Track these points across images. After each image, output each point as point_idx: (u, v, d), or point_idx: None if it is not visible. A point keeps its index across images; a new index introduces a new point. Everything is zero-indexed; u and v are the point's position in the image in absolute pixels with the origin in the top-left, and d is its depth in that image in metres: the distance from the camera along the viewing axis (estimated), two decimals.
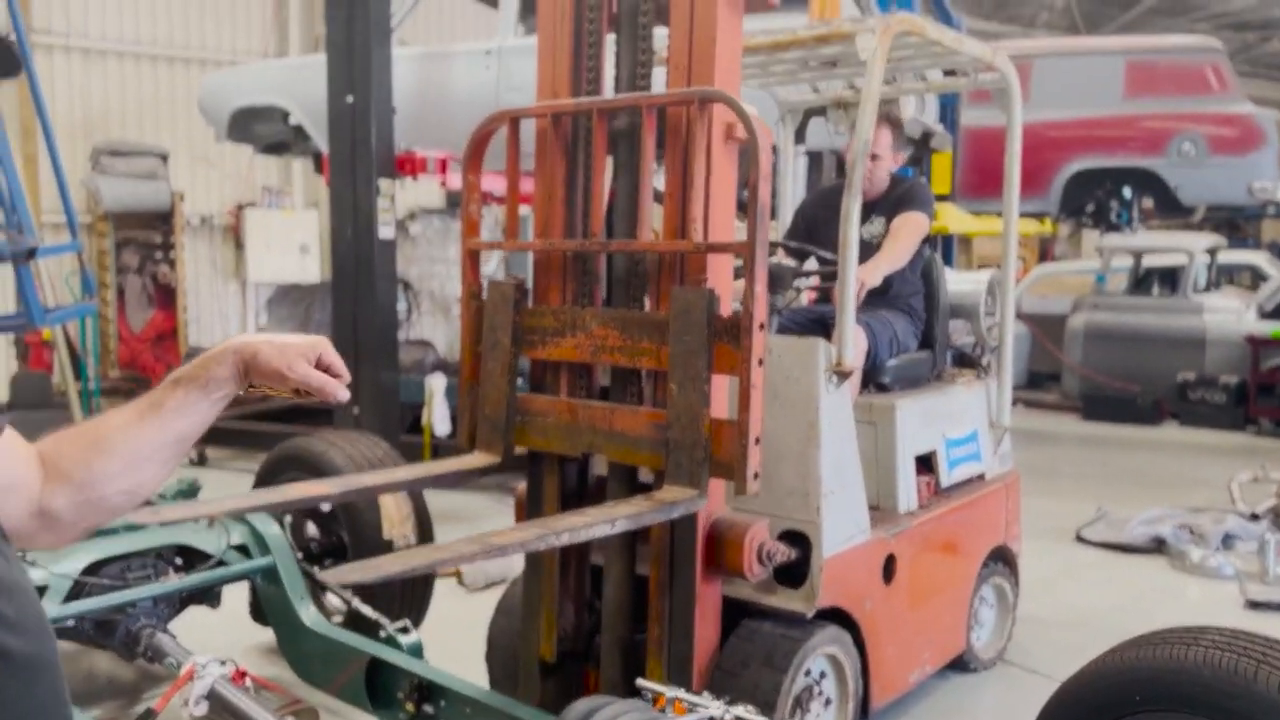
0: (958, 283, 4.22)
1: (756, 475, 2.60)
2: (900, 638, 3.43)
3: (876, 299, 3.84)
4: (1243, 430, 9.27)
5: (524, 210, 3.80)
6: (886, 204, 3.94)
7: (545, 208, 2.96)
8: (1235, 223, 15.12)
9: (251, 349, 1.32)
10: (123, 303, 9.53)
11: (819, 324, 3.82)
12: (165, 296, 9.64)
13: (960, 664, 3.90)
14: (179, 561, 3.66)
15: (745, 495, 2.60)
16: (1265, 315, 9.69)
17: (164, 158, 9.41)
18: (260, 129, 7.47)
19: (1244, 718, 1.97)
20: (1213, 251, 10.21)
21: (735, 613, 3.05)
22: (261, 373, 1.32)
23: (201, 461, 7.80)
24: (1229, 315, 9.70)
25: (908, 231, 3.83)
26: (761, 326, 2.57)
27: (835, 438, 3.12)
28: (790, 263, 3.56)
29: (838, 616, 3.14)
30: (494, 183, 5.66)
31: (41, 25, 9.37)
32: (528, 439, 2.94)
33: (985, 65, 3.76)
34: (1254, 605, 4.80)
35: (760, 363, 2.57)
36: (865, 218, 3.87)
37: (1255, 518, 5.82)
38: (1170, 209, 8.20)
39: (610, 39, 2.94)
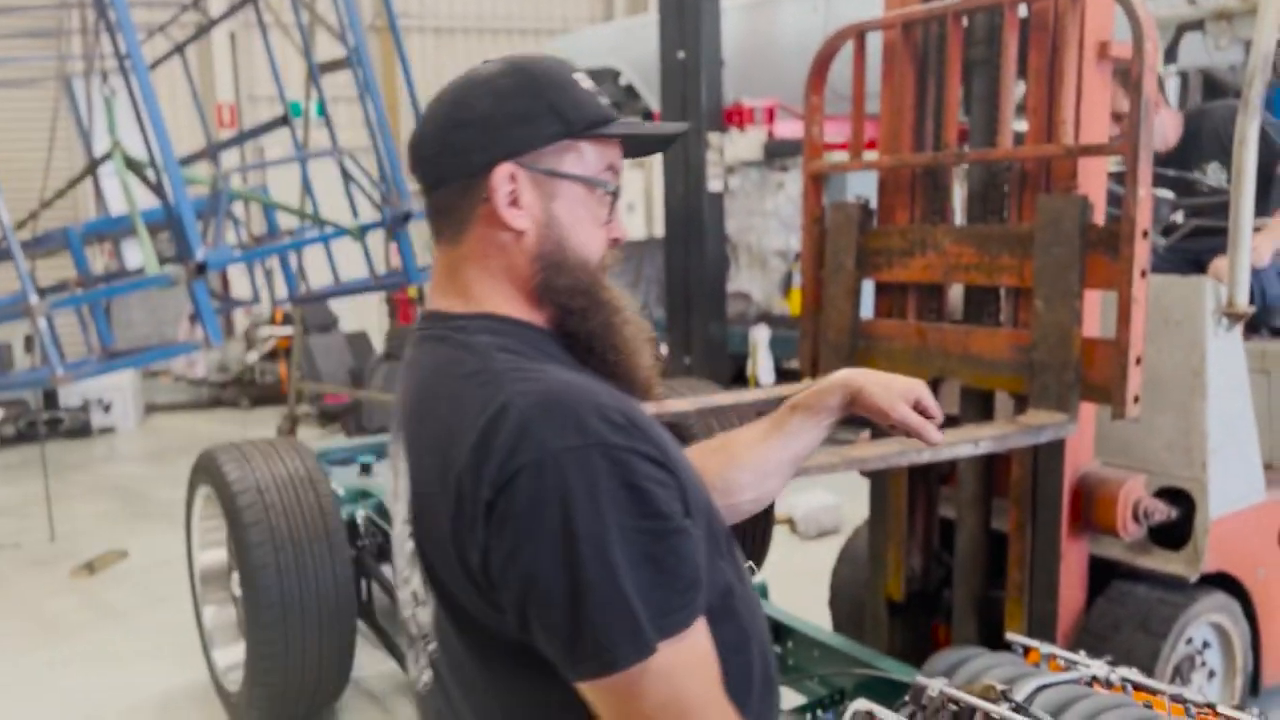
0: None
1: (1137, 399, 2.42)
2: None
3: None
4: None
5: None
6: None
7: (893, 123, 2.88)
8: None
9: (858, 384, 1.44)
10: None
11: (1195, 265, 3.47)
12: None
13: None
14: None
15: (1124, 419, 2.43)
16: None
17: None
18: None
19: None
20: None
21: (1102, 573, 2.87)
22: (865, 407, 1.43)
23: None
24: None
25: None
26: (1145, 234, 2.37)
27: (1224, 387, 2.82)
28: (1168, 194, 3.23)
29: (1225, 583, 2.87)
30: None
31: (400, 9, 10.31)
32: (873, 364, 2.87)
33: None
34: None
35: (1144, 274, 2.38)
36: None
37: None
38: None
39: None
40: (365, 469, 3.93)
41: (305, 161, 5.87)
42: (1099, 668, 1.97)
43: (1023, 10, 2.65)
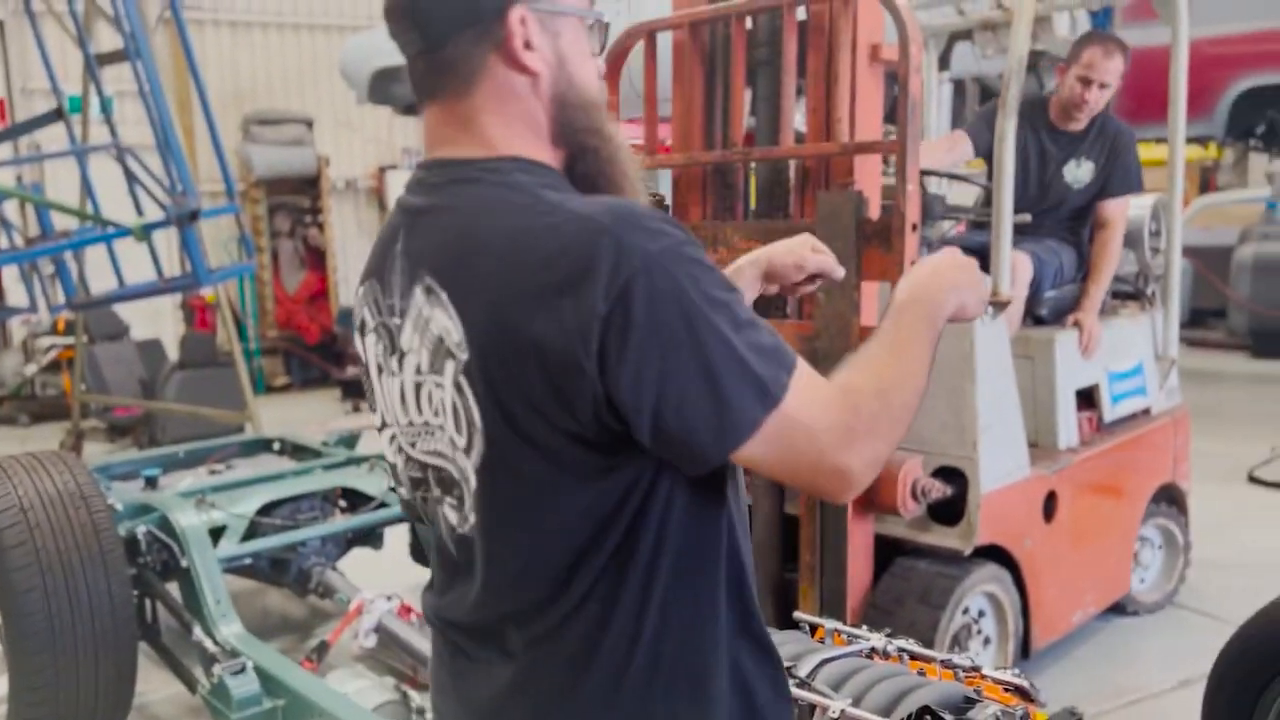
0: None
1: None
2: (1062, 577, 3.32)
3: (1047, 228, 3.69)
4: None
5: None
6: (1096, 147, 3.66)
7: (684, 121, 2.94)
8: None
9: (764, 257, 1.54)
10: (277, 266, 9.96)
11: (975, 254, 3.68)
12: (316, 258, 10.03)
13: (1119, 607, 3.76)
14: (343, 504, 3.83)
15: None
16: None
17: (309, 124, 9.75)
18: (399, 90, 7.64)
19: None
20: None
21: (888, 551, 3.01)
22: (778, 273, 1.54)
23: (356, 414, 8.13)
24: None
25: (1113, 250, 3.63)
26: (915, 227, 2.49)
27: (992, 371, 3.02)
28: (940, 192, 3.43)
29: (996, 555, 3.07)
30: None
31: (192, 2, 9.78)
32: None
33: None
34: None
35: (914, 265, 2.50)
36: (1069, 154, 3.67)
37: None
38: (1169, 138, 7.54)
39: None
40: (150, 482, 3.71)
41: (83, 157, 5.48)
42: (878, 640, 2.05)
43: (802, 13, 2.75)
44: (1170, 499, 3.91)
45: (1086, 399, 3.59)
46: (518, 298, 1.04)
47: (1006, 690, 1.93)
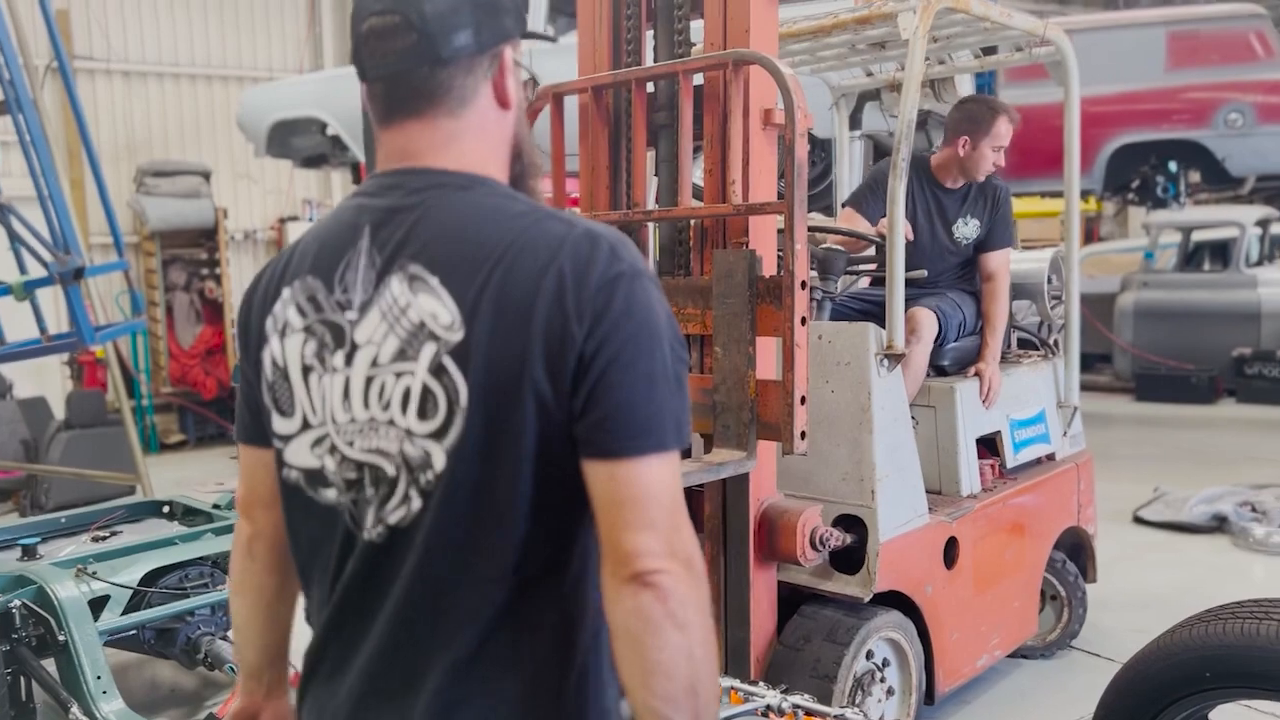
0: (1020, 262, 4.13)
1: (804, 435, 2.62)
2: (966, 622, 3.38)
3: (945, 282, 3.83)
4: None
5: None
6: (979, 204, 3.83)
7: (590, 181, 3.01)
8: None
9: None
10: (171, 320, 9.68)
11: (879, 307, 3.78)
12: (213, 312, 9.78)
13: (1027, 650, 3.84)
14: None
15: (793, 454, 2.64)
16: None
17: (206, 175, 9.55)
18: (298, 142, 7.56)
19: None
20: (1264, 223, 9.97)
21: (794, 599, 3.05)
22: None
23: None
24: None
25: (1003, 297, 3.78)
26: (804, 285, 2.57)
27: (889, 421, 3.09)
28: (843, 250, 3.53)
29: (899, 601, 3.12)
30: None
31: (83, 51, 9.55)
32: None
33: (1037, 39, 3.68)
34: None
35: (804, 322, 2.59)
36: (958, 212, 3.82)
37: None
38: (1219, 181, 8.00)
39: (649, 34, 2.98)
40: (28, 552, 3.54)
41: None
42: (773, 697, 2.07)
43: (700, 78, 2.82)
44: (1074, 543, 4.00)
45: (989, 446, 3.68)
46: (527, 284, 1.13)
47: None
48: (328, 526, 1.25)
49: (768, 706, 2.04)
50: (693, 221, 2.91)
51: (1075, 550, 4.04)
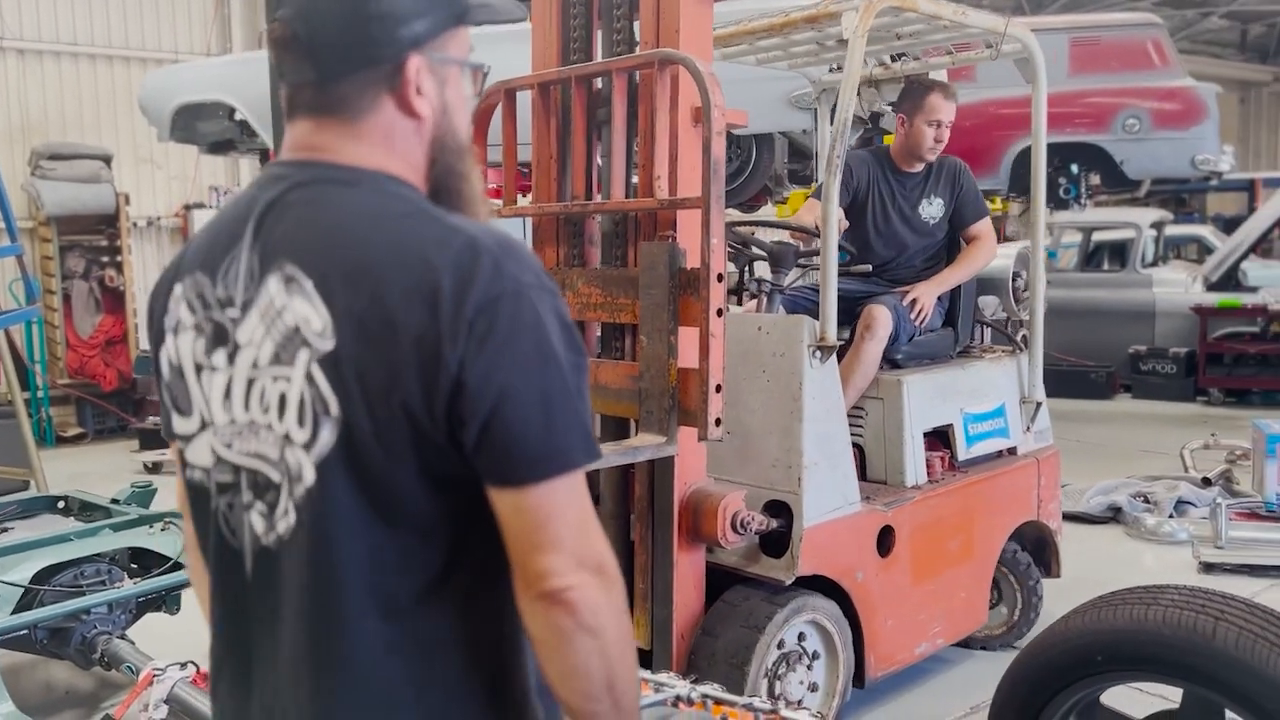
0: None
1: (719, 421, 2.70)
2: (903, 610, 3.42)
3: (911, 274, 3.91)
4: (1193, 400, 9.45)
5: None
6: (940, 183, 3.93)
7: (539, 173, 3.10)
8: (1181, 197, 15.38)
9: None
10: (69, 309, 9.33)
11: (842, 301, 3.79)
12: (114, 300, 9.45)
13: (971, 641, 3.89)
14: (135, 566, 3.60)
15: (708, 440, 2.73)
16: (1211, 287, 9.88)
17: (107, 160, 9.22)
18: (204, 127, 7.34)
19: (1205, 674, 2.00)
20: (1159, 225, 10.37)
21: (727, 581, 3.12)
22: None
23: (156, 469, 7.68)
24: (1177, 288, 9.87)
25: (985, 253, 3.88)
26: (720, 278, 2.65)
27: (820, 412, 3.16)
28: (794, 243, 3.57)
29: (824, 586, 3.17)
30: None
31: None
32: None
33: (998, 37, 3.73)
34: (1207, 568, 4.90)
35: (720, 313, 2.67)
36: (920, 195, 3.92)
37: (1207, 483, 5.94)
38: (1117, 183, 8.29)
39: (599, 33, 3.05)
40: None
41: None
42: (683, 687, 2.08)
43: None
44: (1038, 537, 4.02)
45: (942, 439, 3.73)
46: (400, 295, 1.08)
47: None
48: (213, 532, 1.22)
49: (677, 696, 2.05)
50: (630, 214, 2.99)
51: (1039, 545, 4.05)
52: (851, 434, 3.58)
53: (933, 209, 3.92)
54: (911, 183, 3.94)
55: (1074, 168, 8.02)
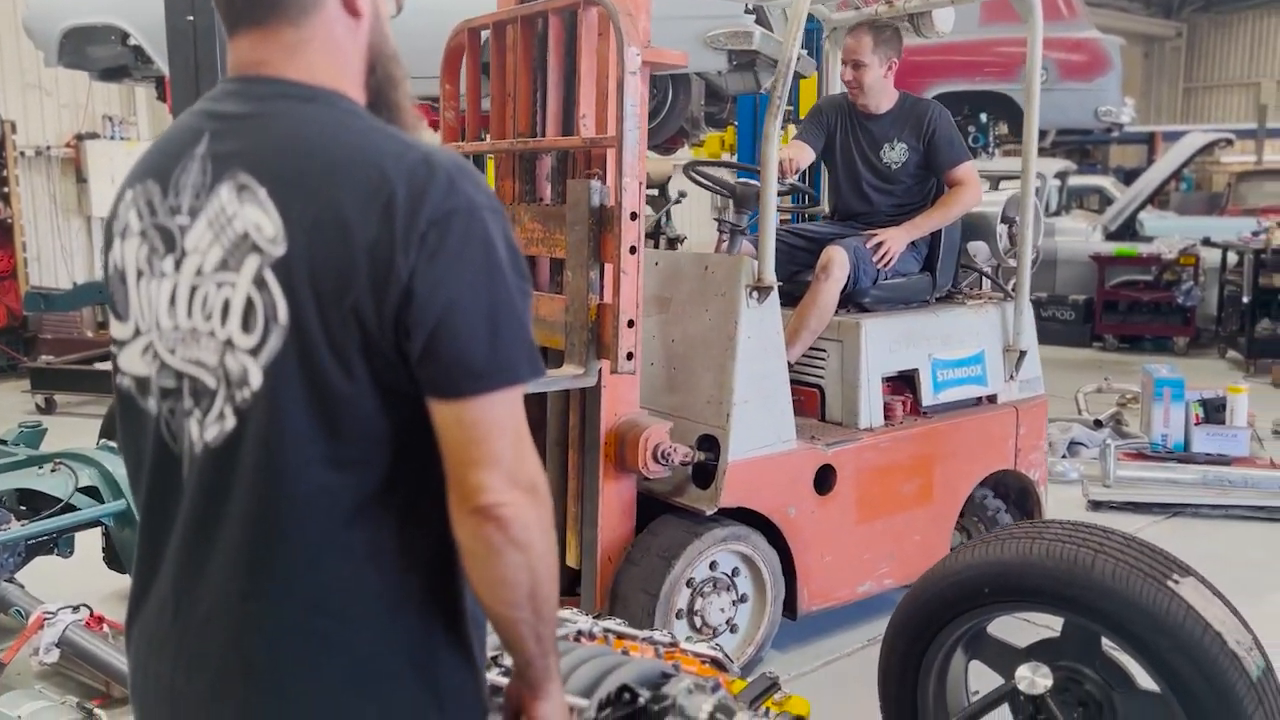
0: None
1: (630, 355, 2.81)
2: (843, 548, 3.46)
3: (880, 219, 3.86)
4: (1089, 346, 9.78)
5: None
6: (903, 126, 3.83)
7: (494, 111, 3.19)
8: (1085, 149, 15.77)
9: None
10: None
11: (816, 243, 3.82)
12: (2, 234, 9.02)
13: None
14: (23, 509, 3.48)
15: (618, 374, 2.86)
16: (1110, 236, 10.19)
17: None
18: (95, 52, 6.97)
19: (1084, 605, 2.09)
20: (1063, 175, 10.63)
21: (663, 510, 3.21)
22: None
23: (49, 408, 7.41)
24: (1077, 236, 10.16)
25: (964, 199, 3.77)
26: (634, 216, 2.73)
27: (756, 350, 3.21)
28: (757, 184, 3.56)
29: (753, 520, 3.24)
30: None
31: None
32: None
33: None
34: (1095, 505, 5.12)
35: (633, 250, 2.76)
36: (883, 138, 3.85)
37: (1098, 425, 6.18)
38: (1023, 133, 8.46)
39: None
40: None
41: None
42: (585, 621, 2.10)
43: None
44: (1011, 485, 3.99)
45: (910, 384, 3.72)
46: (355, 203, 1.10)
47: (704, 663, 2.03)
48: (151, 438, 1.23)
49: (579, 631, 2.07)
50: (569, 153, 3.07)
51: (1022, 495, 4.02)
52: (810, 376, 3.64)
53: (895, 154, 3.83)
54: (877, 125, 3.87)
55: (983, 116, 8.15)
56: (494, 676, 1.77)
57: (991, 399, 3.93)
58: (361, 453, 1.14)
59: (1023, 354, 3.95)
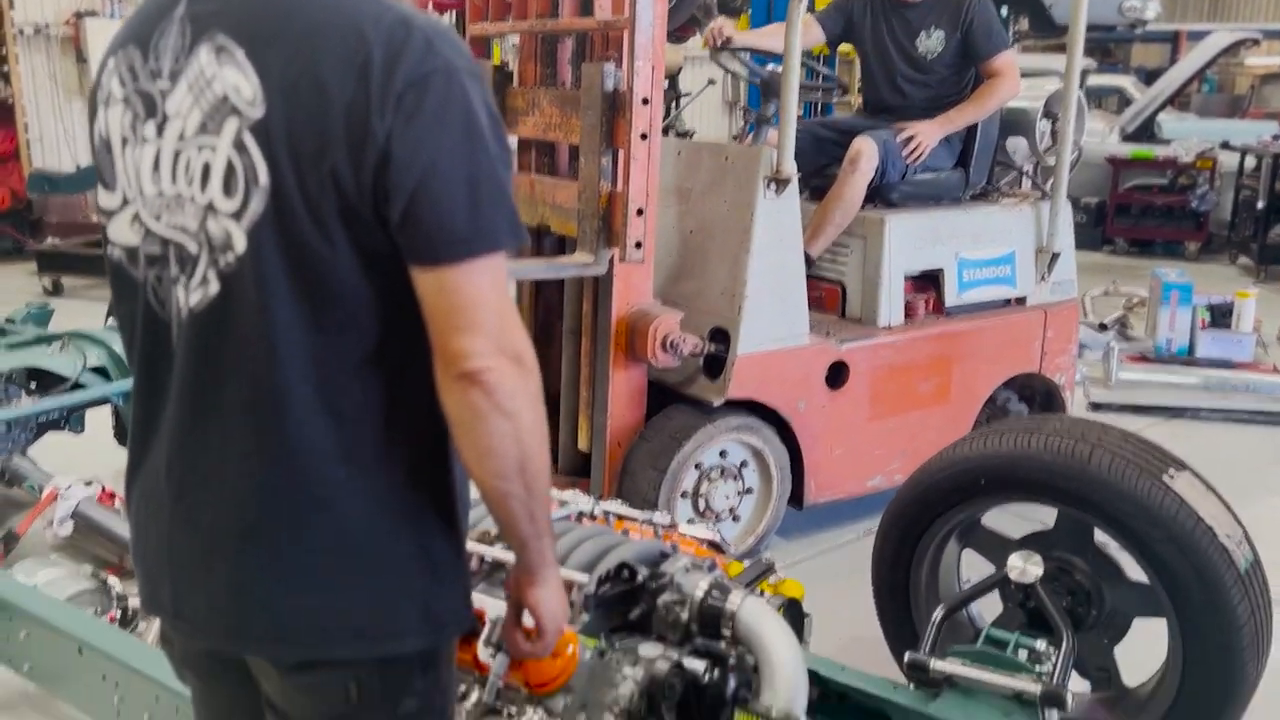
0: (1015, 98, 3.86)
1: (639, 244, 2.82)
2: (854, 443, 3.48)
3: (915, 112, 3.70)
4: (1100, 249, 9.69)
5: None
6: (942, 15, 3.65)
7: None
8: (1106, 47, 15.37)
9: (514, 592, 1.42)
10: None
11: (846, 135, 3.69)
12: (3, 114, 8.90)
13: None
14: (33, 386, 3.53)
15: (626, 262, 2.88)
16: (1127, 137, 9.99)
17: None
18: None
19: (1079, 498, 2.11)
20: (1083, 75, 10.37)
21: (674, 399, 3.25)
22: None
23: (57, 290, 7.43)
24: (1094, 137, 9.95)
25: (1001, 92, 3.60)
26: (646, 101, 2.71)
27: (772, 242, 3.18)
28: (776, 69, 3.48)
29: (762, 411, 3.27)
30: None
31: None
32: None
33: None
34: (1096, 407, 5.15)
35: (644, 137, 2.73)
36: (919, 27, 3.68)
37: (1103, 328, 6.16)
38: (1045, 29, 8.24)
39: None
40: None
41: None
42: (585, 503, 2.14)
43: None
44: (1036, 388, 3.95)
45: (934, 282, 3.67)
46: (332, 64, 1.09)
47: (701, 545, 2.07)
48: (141, 306, 1.23)
49: (580, 512, 2.11)
50: (587, 35, 3.02)
51: (1047, 398, 3.99)
52: (832, 272, 3.60)
53: (930, 42, 3.65)
54: (912, 13, 3.69)
55: (1004, 10, 7.92)
56: (498, 551, 1.82)
57: (1021, 301, 3.85)
58: (346, 317, 1.14)
59: (1056, 256, 3.85)
